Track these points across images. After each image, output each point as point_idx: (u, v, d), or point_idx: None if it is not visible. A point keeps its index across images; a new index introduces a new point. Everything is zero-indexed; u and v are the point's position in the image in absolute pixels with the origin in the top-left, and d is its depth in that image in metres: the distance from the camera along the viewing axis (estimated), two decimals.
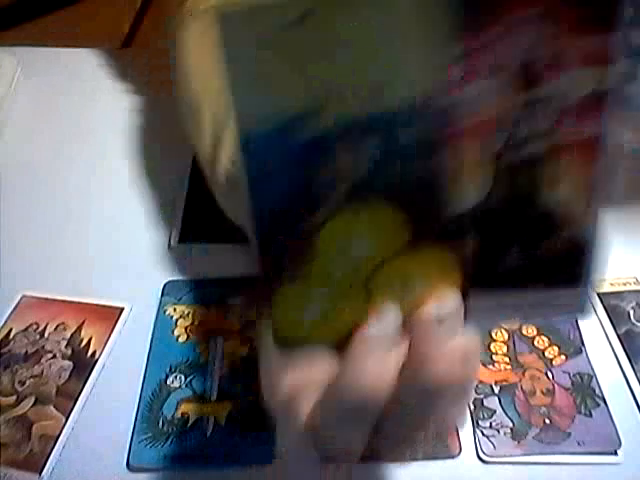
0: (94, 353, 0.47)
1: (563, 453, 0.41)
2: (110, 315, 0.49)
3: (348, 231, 0.26)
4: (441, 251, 0.26)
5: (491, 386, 0.44)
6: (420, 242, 0.26)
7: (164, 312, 0.49)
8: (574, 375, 0.44)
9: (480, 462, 0.41)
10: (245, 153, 0.24)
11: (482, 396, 0.43)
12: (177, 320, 0.49)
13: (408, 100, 0.24)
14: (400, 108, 0.24)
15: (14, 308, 0.50)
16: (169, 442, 0.42)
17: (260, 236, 0.25)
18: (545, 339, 0.46)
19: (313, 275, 0.26)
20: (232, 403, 0.43)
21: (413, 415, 0.27)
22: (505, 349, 0.46)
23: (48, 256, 0.54)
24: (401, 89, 0.24)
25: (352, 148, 0.24)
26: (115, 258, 0.48)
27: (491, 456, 0.41)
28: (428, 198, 0.26)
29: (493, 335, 0.47)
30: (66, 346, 0.47)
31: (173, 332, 0.48)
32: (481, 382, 0.44)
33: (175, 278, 0.52)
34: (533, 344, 0.46)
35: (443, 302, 0.26)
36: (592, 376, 0.44)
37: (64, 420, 0.43)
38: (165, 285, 0.51)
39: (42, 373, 0.46)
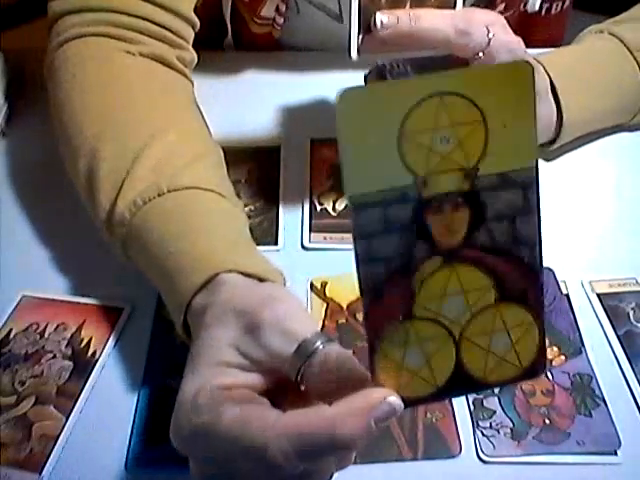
0: (94, 353, 0.47)
1: (563, 453, 0.41)
2: (110, 315, 0.49)
3: (444, 291, 0.30)
4: (523, 311, 0.31)
5: None
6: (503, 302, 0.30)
7: (164, 312, 0.49)
8: (574, 375, 0.44)
9: (480, 462, 0.41)
10: (355, 216, 0.27)
11: (482, 396, 0.43)
12: None
13: (497, 175, 0.28)
14: (490, 181, 0.28)
15: (14, 308, 0.50)
16: (169, 442, 0.42)
17: (367, 286, 0.29)
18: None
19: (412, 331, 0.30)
20: None
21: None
22: None
23: (48, 256, 0.54)
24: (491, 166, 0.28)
25: (447, 218, 0.28)
26: (115, 258, 0.48)
27: (491, 456, 0.41)
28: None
29: None
30: (66, 346, 0.47)
31: (172, 332, 0.47)
32: None
33: None
34: None
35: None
36: (592, 376, 0.44)
37: (64, 420, 0.43)
38: None
39: (42, 373, 0.46)
